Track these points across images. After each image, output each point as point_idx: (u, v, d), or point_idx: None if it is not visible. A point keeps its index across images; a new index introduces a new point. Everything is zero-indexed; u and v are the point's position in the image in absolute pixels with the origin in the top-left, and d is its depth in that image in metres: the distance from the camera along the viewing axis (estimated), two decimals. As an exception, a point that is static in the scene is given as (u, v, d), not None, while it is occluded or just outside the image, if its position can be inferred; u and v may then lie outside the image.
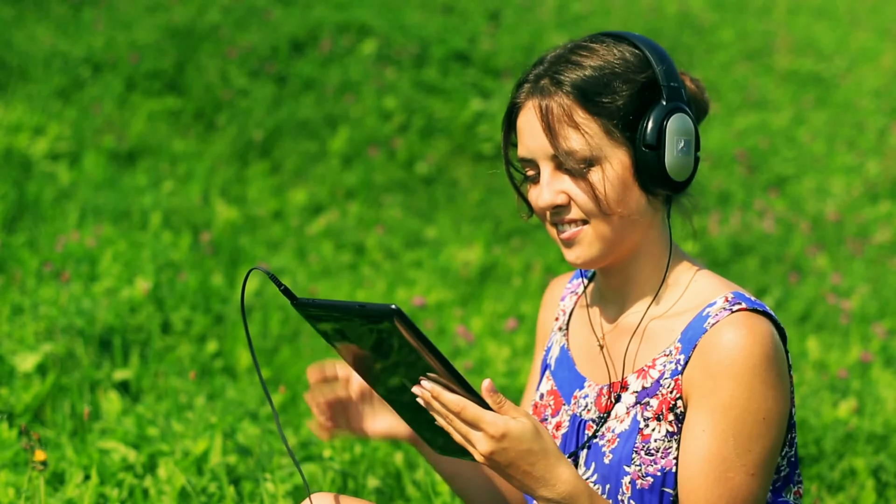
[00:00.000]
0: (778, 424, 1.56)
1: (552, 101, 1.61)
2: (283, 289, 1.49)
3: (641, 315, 1.68)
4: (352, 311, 1.41)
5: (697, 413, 1.56)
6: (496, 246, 5.41)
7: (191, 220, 4.99)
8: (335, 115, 6.43)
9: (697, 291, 1.66)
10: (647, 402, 1.62)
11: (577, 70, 1.61)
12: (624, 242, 1.64)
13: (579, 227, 1.63)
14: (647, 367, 1.64)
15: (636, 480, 1.60)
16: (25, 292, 3.67)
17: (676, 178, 1.63)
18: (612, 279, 1.72)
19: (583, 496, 1.51)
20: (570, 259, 1.66)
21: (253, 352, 1.60)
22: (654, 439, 1.60)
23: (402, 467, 2.88)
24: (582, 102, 1.60)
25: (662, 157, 1.61)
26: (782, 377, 1.56)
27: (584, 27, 8.26)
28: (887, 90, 8.21)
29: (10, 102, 5.75)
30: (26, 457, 2.45)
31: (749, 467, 1.54)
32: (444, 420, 1.49)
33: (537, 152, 1.63)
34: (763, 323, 1.57)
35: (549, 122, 1.60)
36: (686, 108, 1.64)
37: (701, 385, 1.56)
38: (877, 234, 6.12)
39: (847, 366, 4.12)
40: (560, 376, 1.79)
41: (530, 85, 1.64)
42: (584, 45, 1.65)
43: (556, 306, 1.89)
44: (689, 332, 1.60)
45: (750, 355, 1.54)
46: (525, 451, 1.47)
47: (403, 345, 1.42)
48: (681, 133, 1.62)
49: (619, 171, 1.60)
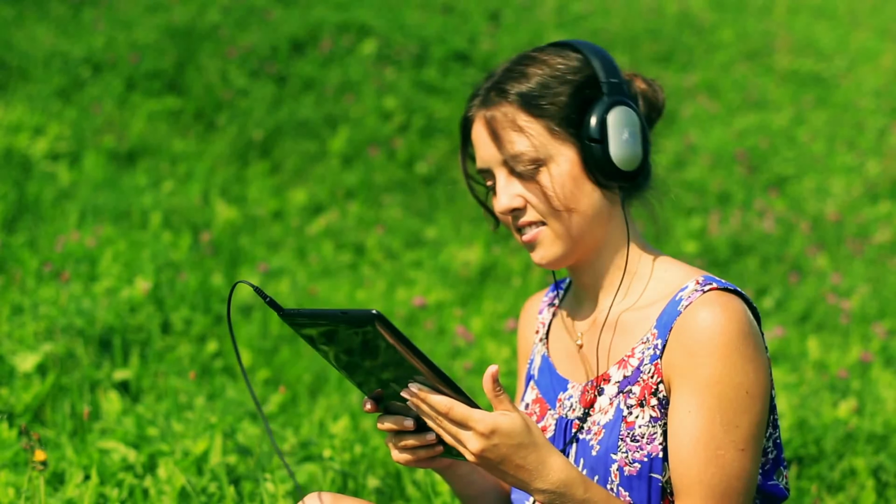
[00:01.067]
0: (762, 398, 1.58)
1: (497, 110, 1.67)
2: (269, 300, 1.52)
3: (613, 308, 1.71)
4: (335, 318, 1.44)
5: (681, 395, 1.58)
6: (496, 246, 5.41)
7: (191, 220, 4.99)
8: (335, 115, 6.43)
9: (666, 279, 1.69)
10: (630, 390, 1.64)
11: (519, 79, 1.68)
12: (585, 238, 1.68)
13: (538, 228, 1.68)
14: (627, 356, 1.66)
15: (623, 467, 1.62)
16: (25, 292, 3.67)
17: (626, 168, 1.66)
18: (583, 277, 1.75)
19: (577, 483, 1.52)
20: (535, 260, 1.70)
21: (239, 359, 1.61)
22: (639, 426, 1.62)
23: (402, 467, 2.88)
24: (524, 107, 1.66)
25: (607, 148, 1.64)
26: (760, 351, 1.59)
27: (584, 27, 8.26)
28: (887, 90, 8.21)
29: (10, 102, 5.75)
30: (26, 457, 2.46)
31: (738, 442, 1.56)
32: (433, 422, 1.50)
33: (490, 161, 1.69)
34: (735, 300, 1.60)
35: (495, 129, 1.67)
36: (628, 101, 1.68)
37: (681, 366, 1.58)
38: (877, 234, 6.12)
39: (847, 366, 4.12)
40: (543, 383, 1.81)
41: (479, 98, 1.72)
42: (528, 55, 1.73)
43: (534, 321, 1.92)
44: (664, 318, 1.63)
45: (726, 331, 1.56)
46: (516, 445, 1.49)
47: (388, 348, 1.44)
48: (624, 124, 1.66)
49: (567, 168, 1.65)
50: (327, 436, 2.88)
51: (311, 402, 3.49)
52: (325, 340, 1.51)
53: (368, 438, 2.98)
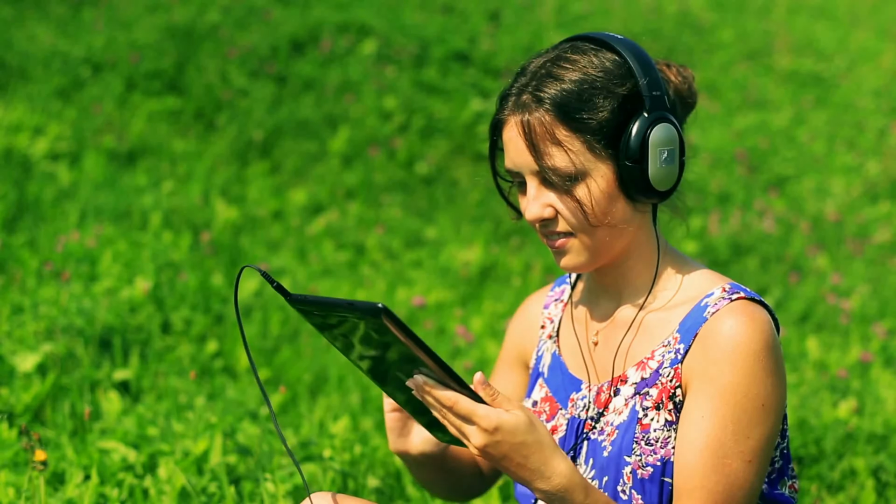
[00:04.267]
0: (776, 412, 1.57)
1: (533, 117, 1.62)
2: (276, 285, 1.52)
3: (637, 310, 1.70)
4: (342, 308, 1.44)
5: (697, 400, 1.57)
6: (496, 246, 5.41)
7: (191, 220, 4.99)
8: (335, 115, 6.43)
9: (692, 285, 1.68)
10: (647, 392, 1.63)
11: (557, 84, 1.62)
12: (612, 249, 1.67)
13: (567, 237, 1.66)
14: (646, 359, 1.66)
15: (637, 470, 1.61)
16: (25, 292, 3.67)
17: (660, 188, 1.64)
18: (605, 277, 1.74)
19: (578, 489, 1.52)
20: (561, 265, 1.69)
21: (247, 347, 1.61)
22: (654, 429, 1.61)
23: (402, 467, 2.88)
24: (563, 119, 1.61)
25: (646, 170, 1.61)
26: (780, 366, 1.59)
27: (584, 27, 8.26)
28: (887, 90, 8.21)
29: (10, 102, 5.75)
30: (26, 457, 2.45)
31: (746, 454, 1.55)
32: (439, 414, 1.50)
33: (523, 167, 1.65)
34: (762, 312, 1.60)
35: (532, 139, 1.62)
36: (669, 115, 1.64)
37: (702, 372, 1.58)
38: (877, 234, 6.12)
39: (847, 366, 4.12)
40: (554, 382, 1.80)
41: (513, 99, 1.65)
42: (566, 55, 1.66)
43: (537, 317, 1.90)
44: (688, 322, 1.62)
45: (751, 342, 1.56)
46: (518, 443, 1.48)
47: (394, 341, 1.44)
48: (664, 143, 1.62)
49: (603, 186, 1.62)
50: (327, 436, 2.88)
51: (311, 402, 3.49)
52: (331, 328, 1.52)
53: (368, 438, 2.98)
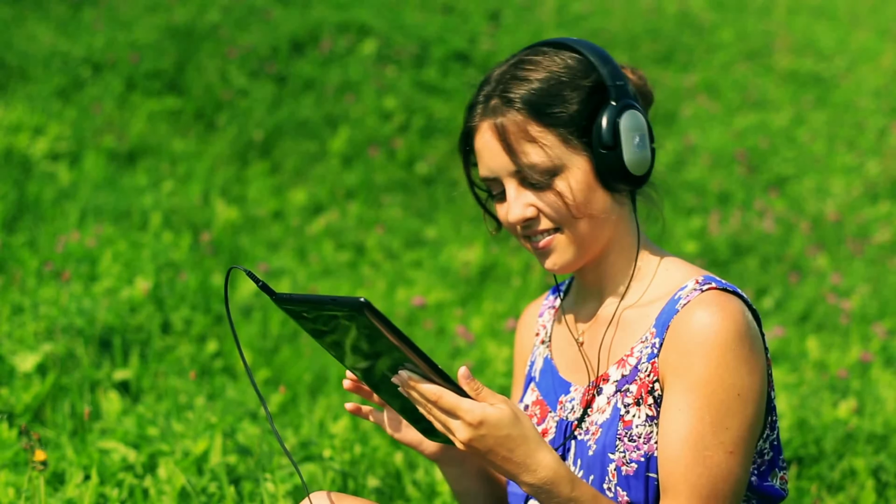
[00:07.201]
0: (755, 401, 1.57)
1: (506, 119, 1.64)
2: (262, 285, 1.52)
3: (616, 306, 1.72)
4: (326, 304, 1.45)
5: (673, 394, 1.58)
6: (496, 246, 5.41)
7: (191, 220, 4.99)
8: (335, 115, 6.43)
9: (668, 278, 1.69)
10: (627, 389, 1.64)
11: (524, 85, 1.65)
12: (597, 242, 1.69)
13: (552, 234, 1.67)
14: (626, 356, 1.67)
15: (621, 467, 1.62)
16: (25, 292, 3.67)
17: (637, 173, 1.66)
18: (588, 275, 1.75)
19: (564, 481, 1.52)
20: (547, 266, 1.70)
21: (240, 349, 1.61)
22: (636, 425, 1.62)
23: (402, 467, 2.89)
24: (535, 116, 1.63)
25: (621, 155, 1.64)
26: (756, 353, 1.58)
27: (584, 27, 8.26)
28: (887, 90, 8.21)
29: (10, 102, 5.75)
30: (26, 457, 2.45)
31: (727, 445, 1.55)
32: (423, 409, 1.50)
33: (499, 171, 1.67)
34: (733, 301, 1.59)
35: (507, 140, 1.64)
36: (635, 103, 1.67)
37: (675, 364, 1.58)
38: (877, 234, 6.12)
39: (847, 366, 4.12)
40: (544, 385, 1.81)
41: (481, 106, 1.68)
42: (527, 58, 1.69)
43: (534, 324, 1.92)
44: (663, 316, 1.63)
45: (721, 330, 1.56)
46: (503, 437, 1.48)
47: (379, 336, 1.45)
48: (635, 129, 1.65)
49: (581, 176, 1.64)
50: (327, 436, 2.88)
51: (311, 402, 3.49)
52: (316, 325, 1.52)
53: (368, 438, 2.98)
